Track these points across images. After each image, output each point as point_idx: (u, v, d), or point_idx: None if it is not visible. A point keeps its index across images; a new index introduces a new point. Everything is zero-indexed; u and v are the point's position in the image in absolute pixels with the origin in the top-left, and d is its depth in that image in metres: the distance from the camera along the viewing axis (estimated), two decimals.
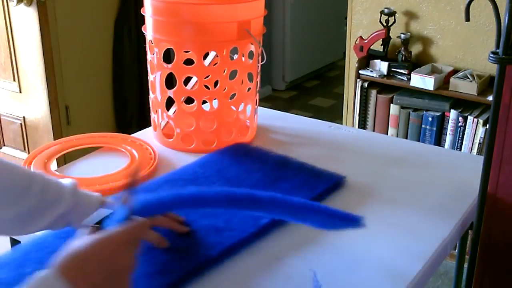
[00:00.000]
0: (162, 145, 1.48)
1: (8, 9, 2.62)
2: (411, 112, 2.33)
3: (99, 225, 0.90)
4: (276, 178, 1.24)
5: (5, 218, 0.86)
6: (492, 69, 2.20)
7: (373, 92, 2.41)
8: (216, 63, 1.42)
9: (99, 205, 0.95)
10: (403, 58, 2.36)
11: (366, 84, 2.41)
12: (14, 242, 1.31)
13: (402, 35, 2.35)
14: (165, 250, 0.96)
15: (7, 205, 0.85)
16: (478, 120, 2.17)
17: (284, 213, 0.94)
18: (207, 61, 1.46)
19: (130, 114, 3.10)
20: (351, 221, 0.95)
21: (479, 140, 2.17)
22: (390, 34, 2.39)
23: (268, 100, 4.29)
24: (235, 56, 1.41)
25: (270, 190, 1.03)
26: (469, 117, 2.19)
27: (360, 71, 2.41)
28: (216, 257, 0.97)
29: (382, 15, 2.37)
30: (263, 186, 1.20)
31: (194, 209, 1.04)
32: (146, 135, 1.55)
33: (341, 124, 2.49)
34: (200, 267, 0.95)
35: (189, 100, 1.46)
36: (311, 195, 1.17)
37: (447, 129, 2.26)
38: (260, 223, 1.05)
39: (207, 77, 1.43)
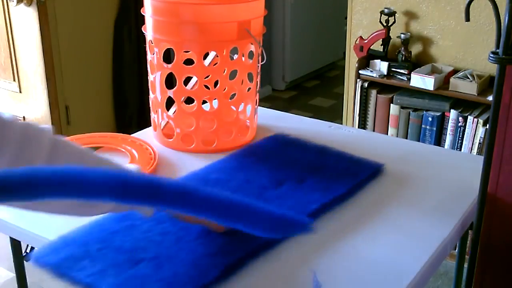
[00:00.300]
0: (162, 145, 1.48)
1: (8, 9, 2.62)
2: (411, 112, 2.33)
3: None
4: (320, 166, 1.30)
5: None
6: (492, 69, 2.20)
7: (373, 92, 2.41)
8: (216, 63, 1.42)
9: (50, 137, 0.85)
10: (403, 58, 2.36)
11: (366, 84, 2.41)
12: (13, 242, 1.31)
13: (402, 35, 2.35)
14: (222, 234, 1.01)
15: None
16: (478, 120, 2.17)
17: (232, 220, 0.88)
18: (207, 61, 1.46)
19: (130, 114, 3.11)
20: (300, 226, 0.96)
21: (479, 140, 2.17)
22: (390, 34, 2.39)
23: (268, 100, 4.29)
24: (235, 56, 1.41)
25: (315, 178, 1.23)
26: (469, 117, 2.19)
27: (360, 71, 2.41)
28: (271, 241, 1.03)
29: (382, 15, 2.37)
30: (308, 174, 1.26)
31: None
32: (146, 135, 1.55)
33: (341, 124, 2.49)
34: (257, 250, 1.00)
35: (189, 100, 1.46)
36: (353, 183, 1.23)
37: (447, 129, 2.26)
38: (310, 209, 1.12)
39: (207, 77, 1.43)
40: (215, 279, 0.92)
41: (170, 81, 1.43)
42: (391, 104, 2.36)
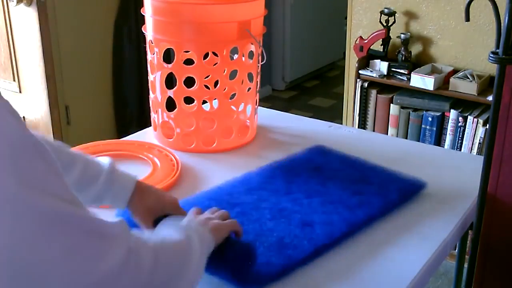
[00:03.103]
0: (162, 145, 1.48)
1: (8, 9, 2.62)
2: (411, 112, 2.33)
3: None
4: (360, 179, 1.28)
5: None
6: (492, 69, 2.20)
7: (373, 92, 2.41)
8: (216, 63, 1.42)
9: (134, 184, 0.99)
10: (403, 58, 2.36)
11: (366, 84, 2.41)
12: None
13: (402, 35, 2.35)
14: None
15: None
16: (478, 120, 2.17)
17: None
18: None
19: (130, 114, 3.10)
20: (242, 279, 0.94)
21: (479, 140, 2.17)
22: (390, 34, 2.39)
23: (268, 100, 4.29)
24: (235, 56, 1.41)
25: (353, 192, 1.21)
26: (469, 117, 2.19)
27: (360, 71, 2.41)
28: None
29: (382, 15, 2.37)
30: (348, 187, 1.24)
31: None
32: (146, 135, 1.55)
33: (341, 124, 2.49)
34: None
35: (189, 100, 1.46)
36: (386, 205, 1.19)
37: (447, 129, 2.26)
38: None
39: (207, 77, 1.43)
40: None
41: (170, 81, 1.43)
42: (391, 104, 2.36)
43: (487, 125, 2.06)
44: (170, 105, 1.46)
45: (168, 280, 0.73)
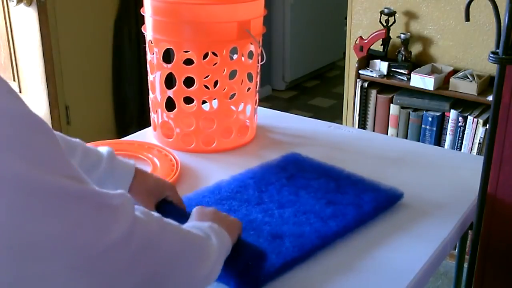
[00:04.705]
0: (162, 145, 1.48)
1: (8, 9, 2.62)
2: (411, 112, 2.33)
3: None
4: (335, 188, 1.23)
5: None
6: (492, 69, 2.20)
7: (373, 92, 2.41)
8: (216, 63, 1.42)
9: (134, 168, 1.02)
10: (403, 58, 2.36)
11: (366, 84, 2.41)
12: None
13: (402, 35, 2.35)
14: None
15: None
16: (478, 120, 2.17)
17: None
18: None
19: (130, 114, 3.10)
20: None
21: (479, 140, 2.17)
22: (390, 34, 2.39)
23: (268, 100, 4.29)
24: (235, 56, 1.41)
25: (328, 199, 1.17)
26: (469, 117, 2.19)
27: (360, 71, 2.41)
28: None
29: (382, 15, 2.37)
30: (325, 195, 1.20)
31: None
32: (146, 135, 1.55)
33: (341, 124, 2.49)
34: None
35: (188, 100, 1.45)
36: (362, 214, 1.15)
37: (447, 129, 2.26)
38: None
39: (206, 77, 1.43)
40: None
41: (170, 81, 1.43)
42: (391, 104, 2.36)
43: (487, 125, 2.06)
44: (170, 105, 1.45)
45: (179, 261, 0.74)
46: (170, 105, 1.46)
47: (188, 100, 1.45)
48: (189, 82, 1.41)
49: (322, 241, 1.05)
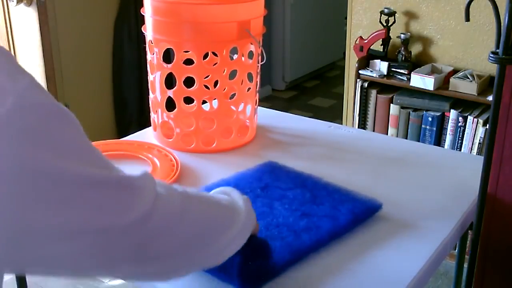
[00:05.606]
0: (162, 145, 1.48)
1: (8, 9, 2.62)
2: (411, 112, 2.33)
3: None
4: (312, 199, 1.18)
5: None
6: (492, 69, 2.20)
7: (373, 92, 2.41)
8: (216, 63, 1.42)
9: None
10: (403, 58, 2.36)
11: (366, 84, 2.41)
12: None
13: (402, 35, 2.35)
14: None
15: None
16: (478, 120, 2.17)
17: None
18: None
19: (130, 114, 3.10)
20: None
21: (479, 140, 2.17)
22: (390, 34, 2.39)
23: (268, 100, 4.29)
24: (235, 56, 1.41)
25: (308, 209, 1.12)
26: (469, 117, 2.19)
27: (360, 71, 2.41)
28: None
29: (382, 15, 2.37)
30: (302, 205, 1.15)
31: None
32: (145, 135, 1.55)
33: (341, 124, 2.49)
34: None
35: (188, 100, 1.45)
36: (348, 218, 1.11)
37: (447, 129, 2.26)
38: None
39: (207, 77, 1.43)
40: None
41: (170, 81, 1.43)
42: (391, 104, 2.36)
43: (487, 125, 2.06)
44: (170, 105, 1.45)
45: (202, 233, 0.76)
46: (170, 105, 1.46)
47: (188, 100, 1.45)
48: (189, 82, 1.41)
49: (295, 256, 1.00)
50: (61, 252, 0.62)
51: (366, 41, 2.42)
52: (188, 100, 1.45)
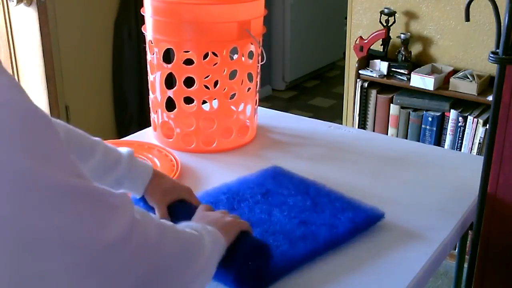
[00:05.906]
0: (162, 145, 1.48)
1: (8, 9, 2.62)
2: (411, 112, 2.33)
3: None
4: (313, 205, 1.16)
5: None
6: (492, 69, 2.20)
7: (373, 92, 2.41)
8: (216, 63, 1.42)
9: (152, 169, 1.05)
10: (403, 58, 2.36)
11: (366, 84, 2.41)
12: None
13: (402, 35, 2.35)
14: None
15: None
16: (478, 120, 2.17)
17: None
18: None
19: (130, 114, 3.10)
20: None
21: (479, 140, 2.17)
22: (390, 34, 2.39)
23: (268, 100, 4.29)
24: (235, 56, 1.41)
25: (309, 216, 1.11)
26: (469, 117, 2.19)
27: (360, 71, 2.41)
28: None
29: (382, 15, 2.37)
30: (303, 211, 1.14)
31: None
32: (146, 135, 1.55)
33: (341, 124, 2.49)
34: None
35: (189, 100, 1.45)
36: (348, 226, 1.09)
37: (447, 129, 2.26)
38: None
39: (207, 77, 1.43)
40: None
41: (170, 81, 1.43)
42: (391, 104, 2.36)
43: (487, 125, 2.06)
44: (170, 105, 1.46)
45: (174, 263, 0.73)
46: (170, 105, 1.46)
47: (188, 100, 1.45)
48: (189, 82, 1.41)
49: (289, 264, 0.99)
50: (39, 269, 0.58)
51: (366, 41, 2.42)
52: (188, 100, 1.45)
